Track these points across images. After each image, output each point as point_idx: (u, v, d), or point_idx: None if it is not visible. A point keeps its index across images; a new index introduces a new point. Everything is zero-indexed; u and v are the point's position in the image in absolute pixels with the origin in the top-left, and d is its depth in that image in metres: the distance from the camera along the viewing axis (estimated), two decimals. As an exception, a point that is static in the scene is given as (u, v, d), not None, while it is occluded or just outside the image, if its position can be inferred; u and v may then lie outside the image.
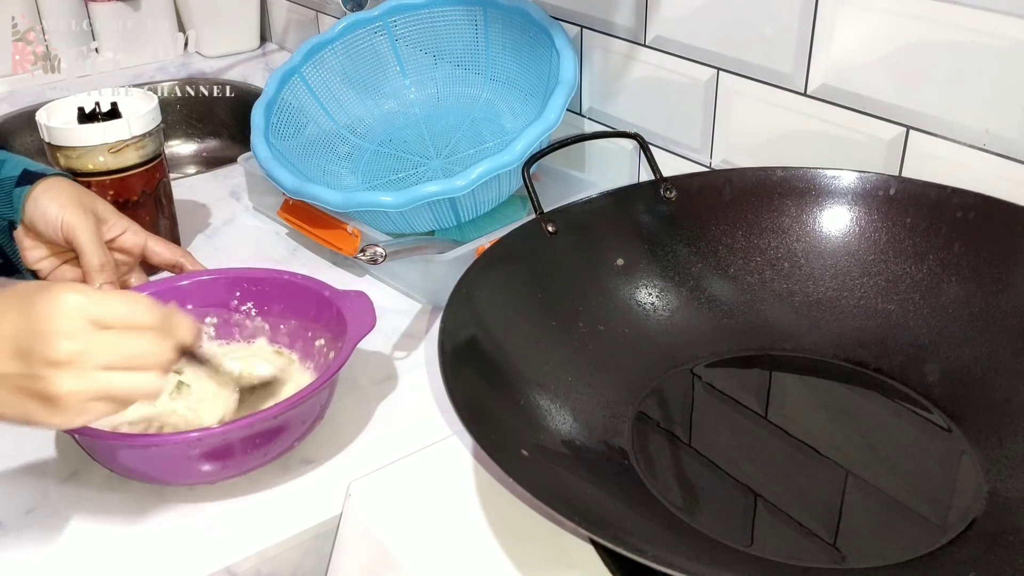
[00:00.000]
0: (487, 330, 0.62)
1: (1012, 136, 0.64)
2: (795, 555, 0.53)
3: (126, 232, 0.74)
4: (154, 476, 0.61)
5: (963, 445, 0.59)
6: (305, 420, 0.63)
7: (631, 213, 0.72)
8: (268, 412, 0.59)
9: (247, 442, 0.60)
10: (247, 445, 0.60)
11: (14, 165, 0.74)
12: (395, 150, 0.98)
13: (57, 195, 0.71)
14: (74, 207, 0.70)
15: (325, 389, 0.63)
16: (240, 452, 0.60)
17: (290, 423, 0.61)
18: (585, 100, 0.97)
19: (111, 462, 0.61)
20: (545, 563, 0.55)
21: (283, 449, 0.63)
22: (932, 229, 0.67)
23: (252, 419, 0.58)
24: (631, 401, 0.64)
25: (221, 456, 0.60)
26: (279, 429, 0.61)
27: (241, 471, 0.62)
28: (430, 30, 0.99)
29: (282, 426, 0.61)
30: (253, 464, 0.62)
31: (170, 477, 0.61)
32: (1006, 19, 0.62)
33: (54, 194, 0.71)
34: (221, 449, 0.59)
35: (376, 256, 0.68)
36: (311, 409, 0.63)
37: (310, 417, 0.64)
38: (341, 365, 0.62)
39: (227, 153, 1.33)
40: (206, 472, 0.60)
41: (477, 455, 0.63)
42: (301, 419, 0.62)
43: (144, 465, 0.60)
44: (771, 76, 0.78)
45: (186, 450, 0.59)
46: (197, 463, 0.60)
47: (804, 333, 0.68)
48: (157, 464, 0.60)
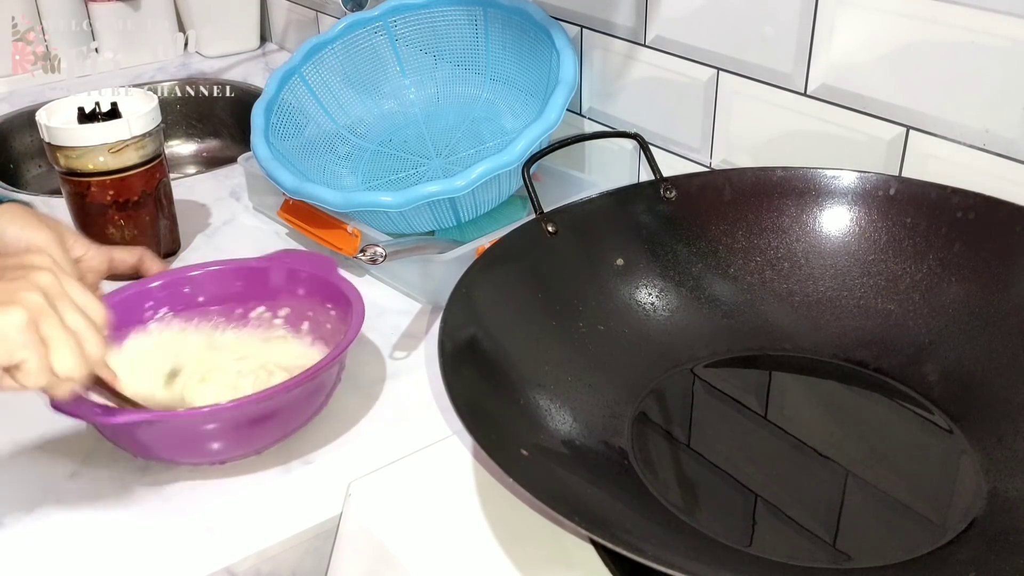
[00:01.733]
0: (487, 330, 0.62)
1: (1012, 136, 0.64)
2: (795, 555, 0.53)
3: (88, 251, 0.73)
4: (165, 454, 0.62)
5: (963, 445, 0.59)
6: (318, 395, 0.65)
7: (631, 213, 0.72)
8: (285, 385, 0.60)
9: (262, 417, 0.61)
10: (262, 419, 0.61)
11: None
12: (395, 150, 0.98)
13: (14, 218, 0.70)
14: (35, 227, 0.69)
15: (335, 365, 0.64)
16: (253, 426, 0.61)
17: (300, 401, 0.63)
18: (585, 100, 0.97)
19: (125, 440, 0.62)
20: (545, 563, 0.55)
21: (295, 427, 0.64)
22: (932, 229, 0.67)
23: (270, 392, 0.60)
24: (631, 401, 0.64)
25: (233, 432, 0.61)
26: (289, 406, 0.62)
27: (254, 448, 0.63)
28: (430, 30, 0.99)
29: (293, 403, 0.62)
30: (266, 441, 0.63)
31: (181, 455, 0.62)
32: (1006, 19, 0.62)
33: (11, 217, 0.70)
34: (233, 425, 0.61)
35: (376, 256, 0.68)
36: (322, 385, 0.65)
37: (322, 393, 0.65)
38: (351, 341, 0.64)
39: (227, 153, 1.33)
40: (216, 450, 0.62)
41: (477, 455, 0.63)
42: (313, 395, 0.64)
43: (156, 441, 0.61)
44: (771, 76, 0.78)
45: (198, 424, 0.60)
46: (208, 440, 0.61)
47: (804, 333, 0.68)
48: (169, 440, 0.61)
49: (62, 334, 0.51)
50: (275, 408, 0.62)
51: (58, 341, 0.51)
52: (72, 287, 0.54)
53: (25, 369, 0.50)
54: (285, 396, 0.61)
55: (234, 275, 0.74)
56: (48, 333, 0.51)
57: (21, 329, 0.50)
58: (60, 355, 0.51)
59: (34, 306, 0.51)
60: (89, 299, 0.55)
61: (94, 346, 0.53)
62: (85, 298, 0.54)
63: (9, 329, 0.50)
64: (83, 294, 0.55)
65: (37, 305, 0.51)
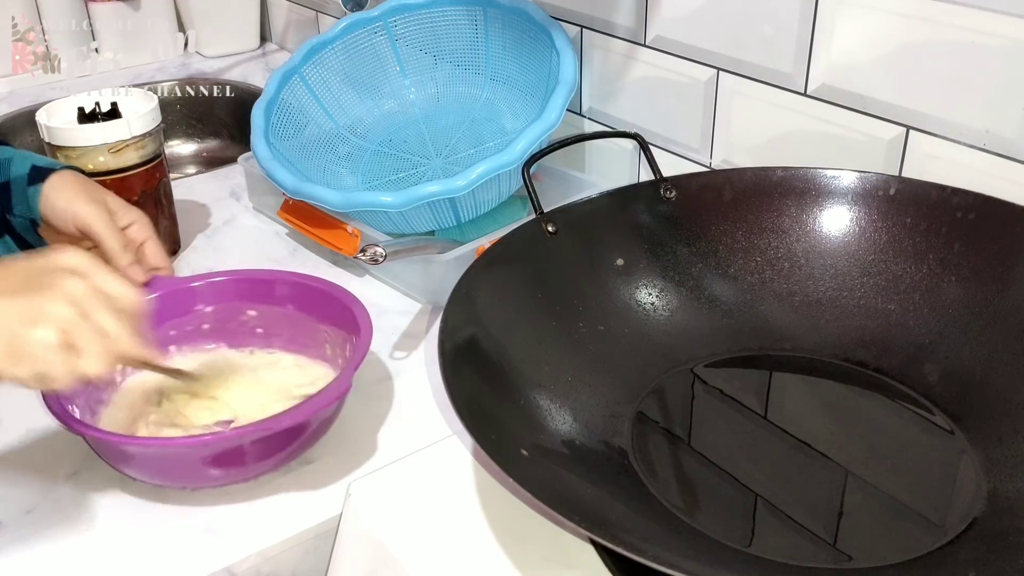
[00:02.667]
0: (487, 330, 0.62)
1: (1012, 136, 0.64)
2: (795, 555, 0.53)
3: (134, 224, 0.74)
4: (162, 479, 0.61)
5: (963, 445, 0.59)
6: (322, 420, 0.63)
7: (631, 213, 0.72)
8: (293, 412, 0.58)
9: (260, 445, 0.59)
10: (263, 448, 0.60)
11: (21, 162, 0.74)
12: (395, 150, 0.98)
13: (64, 189, 0.72)
14: (83, 199, 0.71)
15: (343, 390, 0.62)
16: (254, 457, 0.60)
17: (308, 424, 0.61)
18: (585, 100, 0.97)
19: (118, 463, 0.61)
20: (545, 563, 0.55)
21: (296, 452, 0.63)
22: (932, 229, 0.67)
23: (271, 421, 0.58)
24: (631, 401, 0.64)
25: (234, 460, 0.60)
26: (298, 430, 0.60)
27: (256, 474, 0.62)
28: (430, 30, 0.99)
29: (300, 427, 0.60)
30: (267, 468, 0.62)
31: (177, 480, 0.61)
32: (1006, 19, 0.62)
33: (61, 188, 0.72)
34: (232, 453, 0.59)
35: (376, 256, 0.68)
36: (329, 410, 0.63)
37: (327, 417, 0.63)
38: (361, 359, 0.62)
39: (227, 153, 1.33)
40: (215, 476, 0.60)
41: (477, 455, 0.63)
42: (319, 420, 0.62)
43: (151, 468, 0.60)
44: (771, 76, 0.78)
45: (195, 453, 0.59)
46: (206, 467, 0.60)
47: (804, 333, 0.68)
48: (164, 468, 0.60)
49: (92, 341, 0.52)
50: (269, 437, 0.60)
51: (88, 349, 0.52)
52: (106, 281, 0.54)
53: (54, 378, 0.51)
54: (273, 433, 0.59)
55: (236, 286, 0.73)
56: (78, 341, 0.51)
57: (50, 348, 0.50)
58: (90, 362, 0.52)
59: (63, 319, 0.51)
60: (124, 290, 0.55)
61: (126, 345, 0.54)
62: (120, 290, 0.55)
63: (38, 348, 0.50)
64: (118, 286, 0.55)
65: (65, 318, 0.51)
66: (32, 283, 0.52)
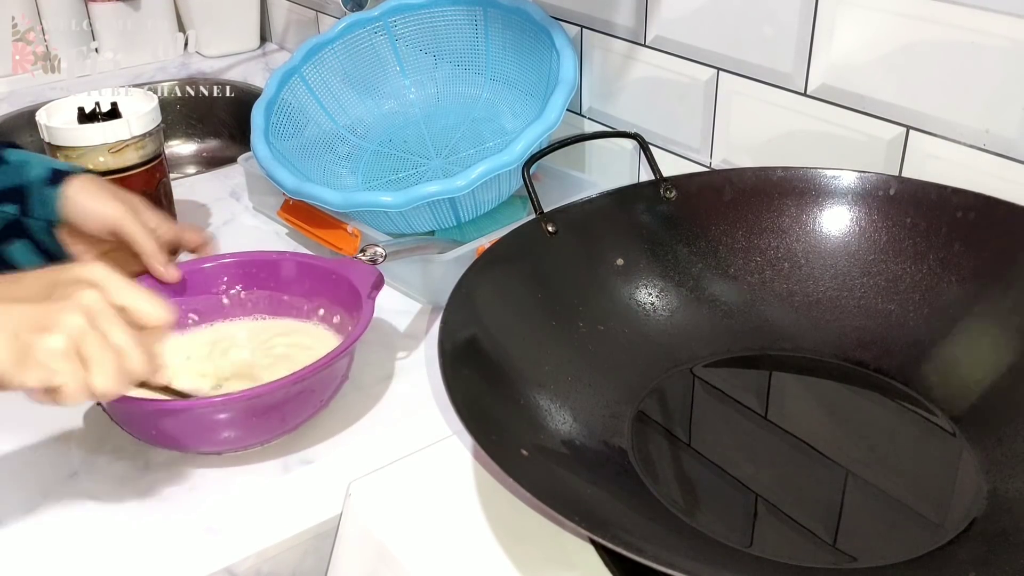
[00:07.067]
0: (487, 330, 0.62)
1: (1012, 136, 0.64)
2: (795, 555, 0.53)
3: (161, 225, 0.75)
4: (180, 441, 0.63)
5: (963, 445, 0.59)
6: (330, 383, 0.65)
7: (631, 213, 0.72)
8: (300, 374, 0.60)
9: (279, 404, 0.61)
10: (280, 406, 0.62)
11: (39, 164, 0.74)
12: (395, 150, 0.98)
13: (90, 190, 0.73)
14: (108, 201, 0.72)
15: (347, 354, 0.65)
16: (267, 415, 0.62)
17: (315, 387, 0.63)
18: (585, 100, 0.97)
19: (136, 427, 0.63)
20: (545, 563, 0.55)
21: (310, 413, 0.65)
22: (932, 229, 0.67)
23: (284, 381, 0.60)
24: (631, 401, 0.64)
25: (250, 420, 0.61)
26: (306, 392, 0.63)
27: (269, 437, 0.64)
28: (430, 30, 0.99)
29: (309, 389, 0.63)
30: (279, 431, 0.64)
31: (195, 443, 0.63)
32: (1006, 19, 0.62)
33: (85, 190, 0.73)
34: (249, 413, 0.61)
35: (376, 256, 0.68)
36: (335, 372, 0.65)
37: (335, 379, 0.66)
38: (366, 326, 0.64)
39: (227, 153, 1.33)
40: (228, 439, 0.62)
41: (477, 455, 0.63)
42: (325, 382, 0.65)
43: (170, 429, 0.62)
44: (771, 76, 0.78)
45: (212, 414, 0.60)
46: (221, 429, 0.61)
47: (804, 333, 0.68)
48: (182, 429, 0.62)
49: (102, 354, 0.51)
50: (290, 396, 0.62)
51: (98, 362, 0.51)
52: (127, 295, 0.54)
53: (64, 392, 0.51)
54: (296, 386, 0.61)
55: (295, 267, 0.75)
56: (89, 353, 0.51)
57: (59, 355, 0.50)
58: (100, 376, 0.51)
59: (74, 328, 0.50)
60: (146, 305, 0.54)
61: (137, 362, 0.53)
62: (141, 304, 0.54)
63: (47, 355, 0.50)
64: (140, 300, 0.54)
65: (77, 328, 0.51)
66: (49, 293, 0.52)
